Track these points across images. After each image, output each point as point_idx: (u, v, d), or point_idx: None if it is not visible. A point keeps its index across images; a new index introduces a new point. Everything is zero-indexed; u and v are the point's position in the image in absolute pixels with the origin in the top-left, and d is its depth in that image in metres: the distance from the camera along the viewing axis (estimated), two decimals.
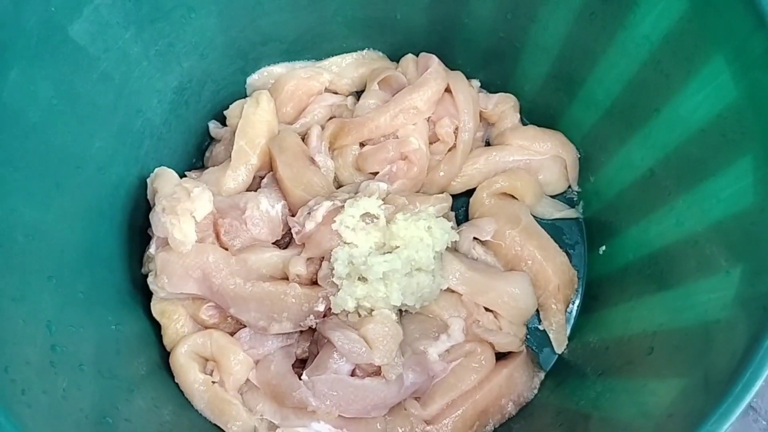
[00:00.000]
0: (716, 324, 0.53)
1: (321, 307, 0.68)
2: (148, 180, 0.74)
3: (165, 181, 0.72)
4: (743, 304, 0.50)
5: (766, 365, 0.44)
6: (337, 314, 0.69)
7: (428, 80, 0.79)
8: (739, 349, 0.47)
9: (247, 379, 0.69)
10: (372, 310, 0.68)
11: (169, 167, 0.75)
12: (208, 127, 0.85)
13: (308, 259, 0.71)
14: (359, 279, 0.68)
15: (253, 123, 0.78)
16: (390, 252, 0.69)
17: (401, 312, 0.72)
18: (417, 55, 0.86)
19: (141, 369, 0.67)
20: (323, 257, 0.70)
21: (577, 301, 0.81)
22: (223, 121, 0.85)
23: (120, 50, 0.67)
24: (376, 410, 0.67)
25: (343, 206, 0.71)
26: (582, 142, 0.82)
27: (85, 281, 0.64)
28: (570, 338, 0.78)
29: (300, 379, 0.67)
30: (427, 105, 0.78)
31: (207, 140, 0.87)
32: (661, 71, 0.64)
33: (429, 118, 0.80)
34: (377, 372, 0.67)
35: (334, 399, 0.65)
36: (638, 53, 0.66)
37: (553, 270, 0.76)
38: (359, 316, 0.68)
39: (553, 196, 0.85)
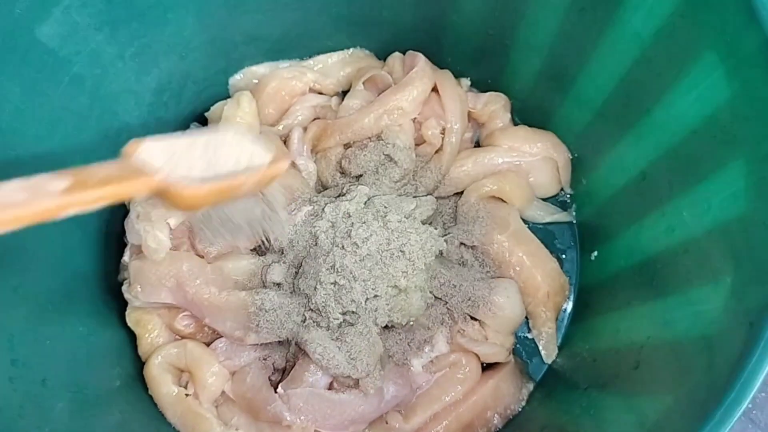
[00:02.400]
0: (704, 339, 0.50)
1: (298, 318, 0.66)
2: None
3: None
4: (730, 319, 0.47)
5: (752, 386, 0.41)
6: (316, 323, 0.66)
7: (413, 79, 0.76)
8: (725, 369, 0.44)
9: (223, 391, 0.67)
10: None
11: None
12: (190, 129, 0.83)
13: (287, 266, 0.69)
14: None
15: (233, 125, 0.75)
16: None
17: (387, 326, 0.69)
18: (405, 54, 0.83)
19: (114, 381, 0.65)
20: (302, 264, 0.68)
21: (569, 309, 0.78)
22: (205, 123, 0.82)
23: (93, 52, 0.65)
24: (354, 425, 0.65)
25: (323, 210, 0.69)
26: (574, 143, 0.79)
27: (56, 291, 0.62)
28: (560, 347, 0.75)
29: (276, 392, 0.65)
30: (413, 105, 0.76)
31: None
32: (652, 69, 0.61)
33: (415, 119, 0.78)
34: (356, 385, 0.65)
35: (309, 413, 0.63)
36: (629, 50, 0.63)
37: (542, 277, 0.73)
38: (339, 326, 0.66)
39: (545, 199, 0.82)
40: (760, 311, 0.45)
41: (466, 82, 0.84)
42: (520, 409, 0.71)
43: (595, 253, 0.76)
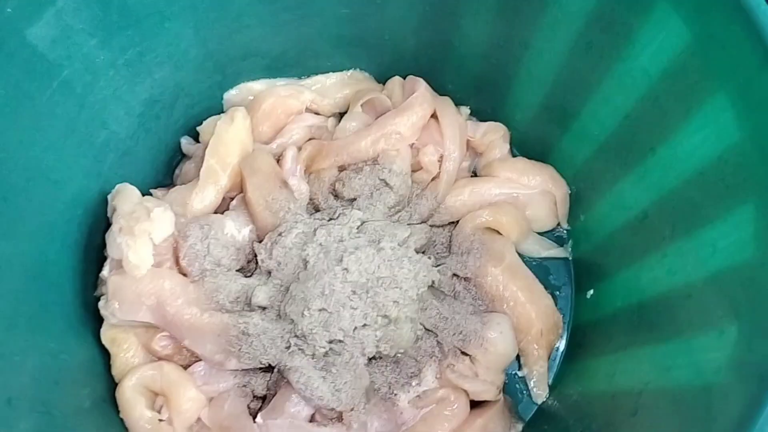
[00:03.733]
0: (707, 389, 0.48)
1: (283, 344, 0.64)
2: (108, 197, 0.70)
3: (125, 198, 0.67)
4: (738, 369, 0.45)
5: None
6: (301, 351, 0.64)
7: (413, 105, 0.74)
8: (732, 422, 0.42)
9: (199, 418, 0.64)
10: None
11: (135, 184, 0.71)
12: (180, 143, 0.81)
13: (274, 289, 0.66)
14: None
15: (226, 141, 0.73)
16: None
17: (374, 357, 0.67)
18: (405, 78, 0.82)
19: (84, 402, 0.62)
20: (289, 288, 0.66)
21: (562, 348, 0.76)
22: (197, 138, 0.80)
23: (84, 58, 0.63)
24: None
25: (314, 233, 0.67)
26: (573, 178, 0.78)
27: (30, 305, 0.59)
28: (552, 387, 0.73)
29: (255, 421, 0.62)
30: (411, 131, 0.74)
31: (179, 157, 0.82)
32: (659, 107, 0.60)
33: (413, 144, 0.76)
34: (339, 418, 0.63)
35: None
36: (636, 87, 0.62)
37: (536, 313, 0.71)
38: (324, 355, 0.63)
39: (541, 234, 0.80)
40: None
41: (465, 110, 0.83)
42: None
43: (591, 291, 0.75)
